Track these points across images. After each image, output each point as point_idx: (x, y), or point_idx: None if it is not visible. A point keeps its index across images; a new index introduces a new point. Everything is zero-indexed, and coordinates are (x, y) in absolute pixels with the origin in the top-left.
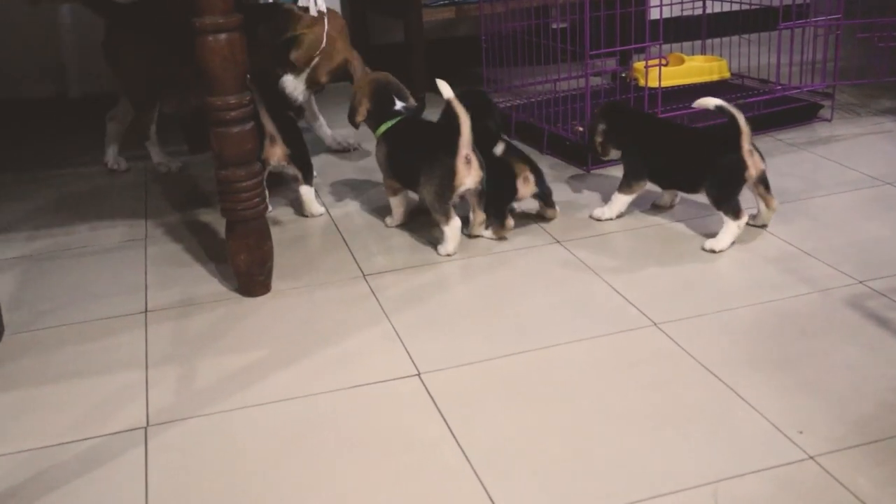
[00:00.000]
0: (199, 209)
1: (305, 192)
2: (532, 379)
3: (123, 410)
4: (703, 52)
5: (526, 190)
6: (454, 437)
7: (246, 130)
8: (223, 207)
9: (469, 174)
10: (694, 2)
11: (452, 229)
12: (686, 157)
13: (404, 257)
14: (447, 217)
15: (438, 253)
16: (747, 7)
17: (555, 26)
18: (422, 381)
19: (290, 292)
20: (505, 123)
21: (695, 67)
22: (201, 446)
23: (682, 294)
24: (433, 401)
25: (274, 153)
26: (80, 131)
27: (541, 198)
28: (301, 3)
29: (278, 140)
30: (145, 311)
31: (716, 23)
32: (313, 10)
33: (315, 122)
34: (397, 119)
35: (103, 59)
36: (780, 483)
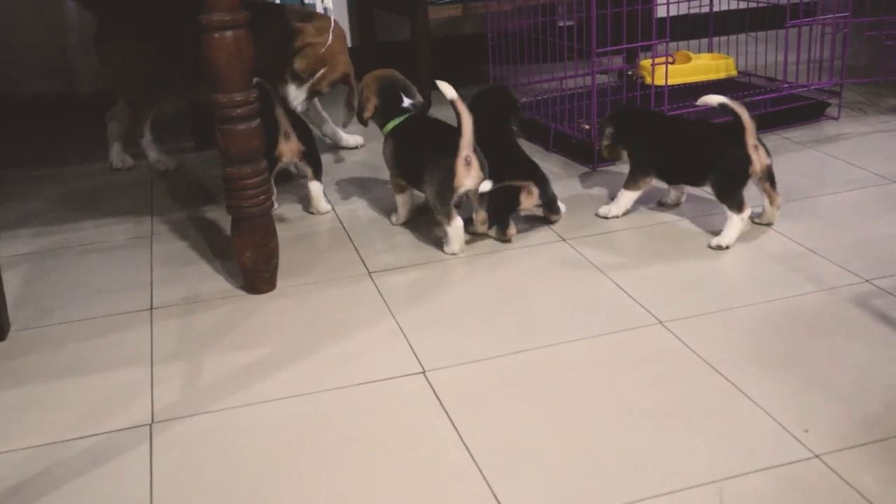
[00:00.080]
0: (205, 206)
1: (315, 188)
2: (537, 376)
3: (128, 407)
4: (709, 49)
5: (528, 202)
6: (459, 434)
7: (252, 128)
8: (229, 204)
9: (469, 175)
10: None
11: (454, 230)
12: (691, 150)
13: (410, 255)
14: (449, 218)
15: (444, 251)
16: (754, 5)
17: (561, 24)
18: (426, 379)
19: (295, 289)
20: (526, 120)
21: (701, 65)
22: (206, 443)
23: (688, 292)
24: (438, 398)
25: (289, 149)
26: (86, 128)
27: (545, 205)
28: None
29: (293, 137)
30: (151, 307)
31: (723, 20)
32: (319, 7)
33: (323, 124)
34: (405, 116)
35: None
36: (786, 482)
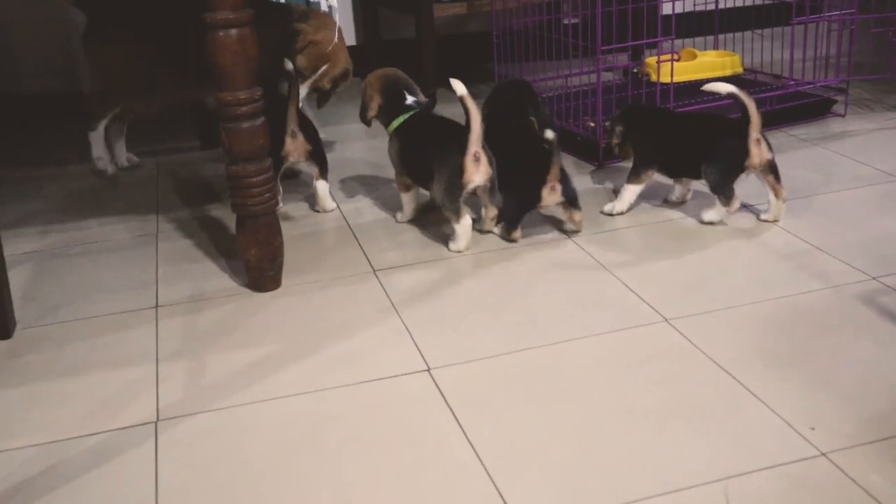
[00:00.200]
0: (210, 205)
1: (321, 187)
2: (542, 375)
3: (133, 405)
4: (715, 47)
5: (551, 199)
6: (464, 432)
7: (256, 126)
8: (234, 203)
9: (478, 171)
10: None
11: (463, 227)
12: (691, 140)
13: (414, 253)
14: (457, 215)
15: (449, 249)
16: (760, 2)
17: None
18: (431, 377)
19: (300, 288)
20: (546, 115)
21: (707, 62)
22: (211, 441)
23: (694, 290)
24: (443, 396)
25: (296, 149)
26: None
27: (567, 201)
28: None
29: (300, 136)
30: (156, 306)
31: (728, 18)
32: (324, 6)
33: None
34: (409, 114)
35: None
36: (792, 480)
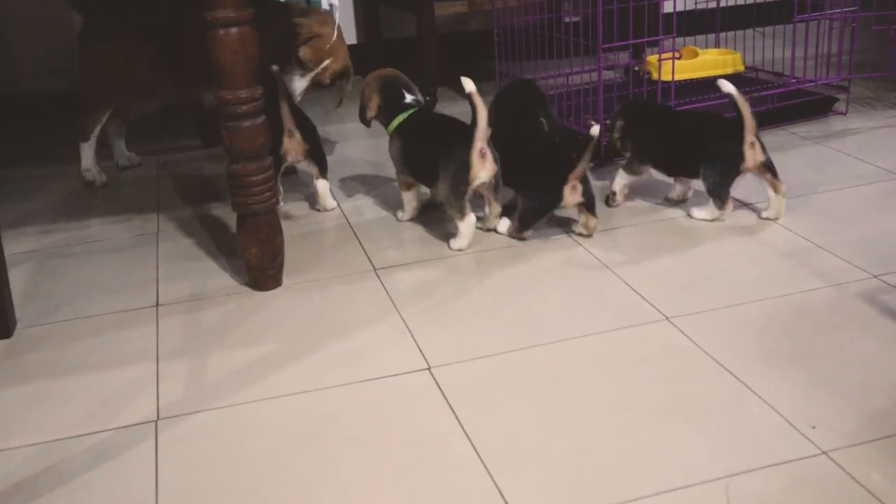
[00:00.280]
0: (211, 203)
1: (322, 186)
2: (543, 373)
3: (134, 404)
4: (717, 45)
5: (572, 198)
6: (464, 430)
7: (257, 125)
8: (234, 202)
9: (484, 168)
10: None
11: (467, 225)
12: (688, 142)
13: (415, 251)
14: (462, 213)
15: (450, 247)
16: (762, 0)
17: (567, 20)
18: (432, 376)
19: (300, 286)
20: (555, 119)
21: (708, 61)
22: (212, 440)
23: (695, 288)
24: (443, 395)
25: (293, 148)
26: None
27: (585, 203)
28: None
29: (297, 135)
30: (157, 305)
31: (730, 15)
32: (325, 4)
33: None
34: (409, 112)
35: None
36: (793, 478)
